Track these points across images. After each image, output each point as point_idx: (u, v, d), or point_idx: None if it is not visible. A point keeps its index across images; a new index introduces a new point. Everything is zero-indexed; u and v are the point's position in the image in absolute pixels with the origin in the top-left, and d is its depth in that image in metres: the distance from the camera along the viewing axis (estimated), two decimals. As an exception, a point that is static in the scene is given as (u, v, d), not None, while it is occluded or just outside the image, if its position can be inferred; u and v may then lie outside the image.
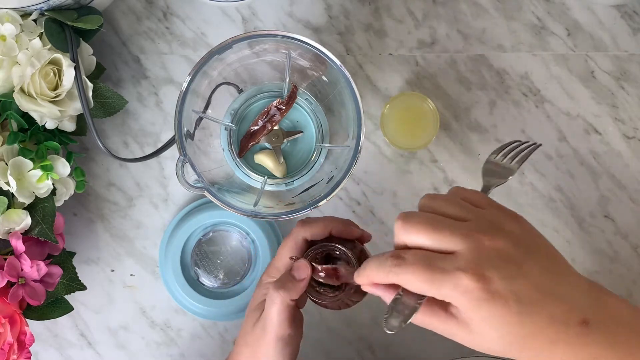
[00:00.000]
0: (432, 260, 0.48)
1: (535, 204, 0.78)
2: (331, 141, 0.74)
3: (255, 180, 0.74)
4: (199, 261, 0.78)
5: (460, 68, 0.78)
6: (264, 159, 0.73)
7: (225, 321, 0.79)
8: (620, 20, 0.78)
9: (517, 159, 0.65)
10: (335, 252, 0.62)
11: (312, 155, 0.75)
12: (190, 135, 0.69)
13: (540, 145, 0.67)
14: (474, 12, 0.78)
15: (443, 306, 0.50)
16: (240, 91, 0.74)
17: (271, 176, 0.74)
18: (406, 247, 0.51)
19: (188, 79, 0.65)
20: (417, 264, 0.48)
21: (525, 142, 0.67)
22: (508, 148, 0.67)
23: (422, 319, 0.50)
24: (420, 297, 0.50)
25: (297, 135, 0.74)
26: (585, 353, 0.48)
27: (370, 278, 0.52)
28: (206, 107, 0.72)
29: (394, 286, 0.51)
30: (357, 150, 0.65)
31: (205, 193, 0.65)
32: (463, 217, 0.51)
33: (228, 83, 0.73)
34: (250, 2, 0.78)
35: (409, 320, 0.50)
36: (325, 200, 0.65)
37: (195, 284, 0.77)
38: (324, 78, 0.71)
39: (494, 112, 0.78)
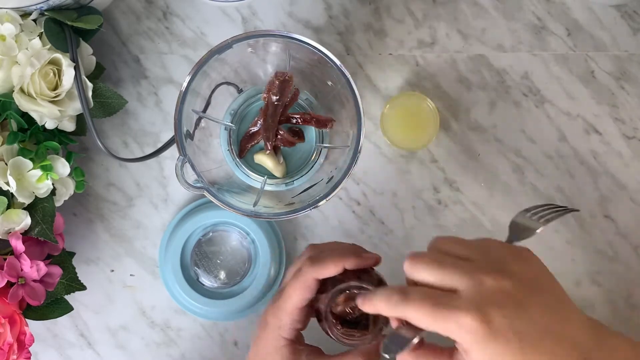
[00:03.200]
0: (436, 297, 0.49)
1: (535, 204, 0.78)
2: (331, 141, 0.74)
3: (255, 180, 0.74)
4: (199, 261, 0.78)
5: (460, 68, 0.78)
6: (264, 159, 0.73)
7: (225, 321, 0.78)
8: (620, 20, 0.78)
9: (545, 218, 0.62)
10: (355, 291, 0.59)
11: (312, 155, 0.75)
12: (190, 135, 0.69)
13: (577, 210, 0.64)
14: (474, 12, 0.78)
15: (449, 352, 0.51)
16: (240, 91, 0.74)
17: (271, 176, 0.74)
18: (414, 284, 0.52)
19: (188, 78, 0.65)
20: (421, 301, 0.49)
21: (561, 207, 0.63)
22: (541, 208, 0.63)
23: (426, 357, 0.52)
24: (418, 330, 0.51)
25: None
26: None
27: (377, 309, 0.52)
28: (206, 107, 0.71)
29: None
30: (357, 150, 0.65)
31: (205, 193, 0.65)
32: (468, 256, 0.52)
33: (228, 83, 0.73)
34: (250, 2, 0.78)
35: (404, 350, 0.51)
36: (325, 200, 0.65)
37: (195, 284, 0.77)
38: (324, 78, 0.71)
39: (494, 112, 0.78)
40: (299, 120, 0.72)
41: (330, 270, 0.59)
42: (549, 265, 0.79)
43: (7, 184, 0.68)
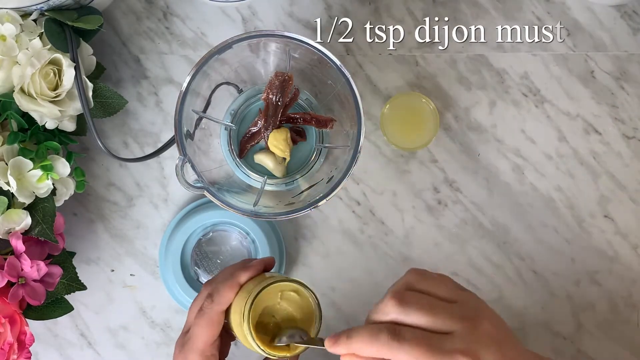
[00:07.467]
0: (431, 340, 0.51)
1: (535, 204, 0.78)
2: (331, 141, 0.74)
3: (255, 180, 0.74)
4: (199, 261, 0.78)
5: (460, 68, 0.78)
6: (264, 159, 0.73)
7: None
8: (620, 20, 0.78)
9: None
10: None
11: (312, 155, 0.75)
12: (190, 135, 0.69)
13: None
14: (474, 12, 0.78)
15: None
16: (240, 91, 0.74)
17: (271, 176, 0.74)
18: (398, 324, 0.53)
19: (188, 79, 0.65)
20: (417, 343, 0.51)
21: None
22: None
23: None
24: None
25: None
26: None
27: (357, 349, 0.53)
28: (206, 107, 0.72)
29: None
30: (357, 150, 0.65)
31: (205, 193, 0.65)
32: (452, 299, 0.54)
33: (228, 83, 0.73)
34: (250, 2, 0.78)
35: None
36: (325, 200, 0.65)
37: (195, 284, 0.77)
38: (324, 78, 0.71)
39: (493, 112, 0.78)
40: (299, 120, 0.72)
41: (229, 296, 0.62)
42: (549, 264, 0.79)
43: (8, 183, 0.68)
